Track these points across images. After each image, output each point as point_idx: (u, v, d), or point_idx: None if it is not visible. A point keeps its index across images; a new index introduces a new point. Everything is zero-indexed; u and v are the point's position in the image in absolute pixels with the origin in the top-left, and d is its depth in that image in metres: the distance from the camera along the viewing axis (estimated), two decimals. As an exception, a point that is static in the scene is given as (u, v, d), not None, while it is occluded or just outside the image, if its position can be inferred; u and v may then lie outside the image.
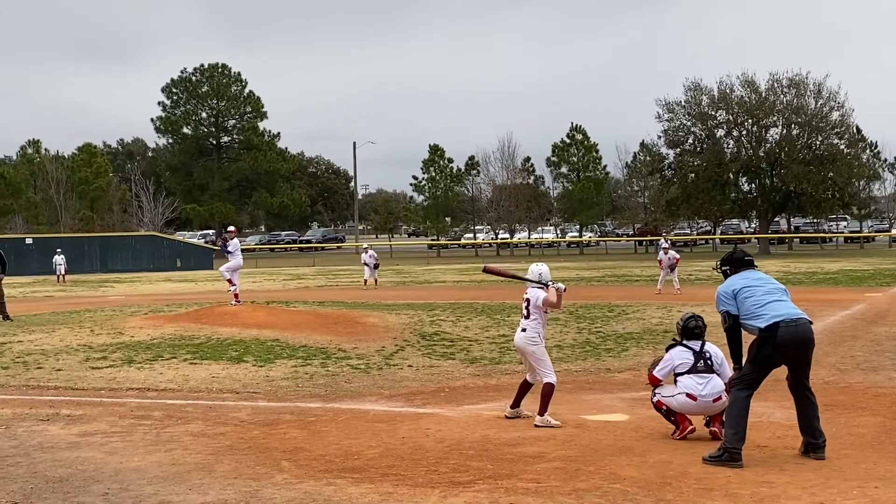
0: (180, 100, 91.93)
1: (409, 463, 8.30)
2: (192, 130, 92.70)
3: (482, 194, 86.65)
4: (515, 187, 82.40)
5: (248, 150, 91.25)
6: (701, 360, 9.19)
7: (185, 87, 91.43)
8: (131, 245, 62.06)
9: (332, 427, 10.09)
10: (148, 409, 11.36)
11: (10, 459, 8.65)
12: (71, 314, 24.22)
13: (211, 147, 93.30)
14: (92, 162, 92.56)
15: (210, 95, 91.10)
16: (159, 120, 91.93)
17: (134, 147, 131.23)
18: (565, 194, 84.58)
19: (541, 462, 8.25)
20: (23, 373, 14.32)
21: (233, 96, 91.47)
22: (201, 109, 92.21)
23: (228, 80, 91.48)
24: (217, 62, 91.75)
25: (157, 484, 7.68)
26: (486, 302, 25.16)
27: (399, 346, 16.50)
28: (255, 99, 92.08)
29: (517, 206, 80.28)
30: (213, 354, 15.55)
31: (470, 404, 11.48)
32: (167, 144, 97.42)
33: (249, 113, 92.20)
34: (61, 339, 17.84)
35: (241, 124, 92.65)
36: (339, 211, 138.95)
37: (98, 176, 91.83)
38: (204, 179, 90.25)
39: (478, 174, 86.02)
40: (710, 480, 7.52)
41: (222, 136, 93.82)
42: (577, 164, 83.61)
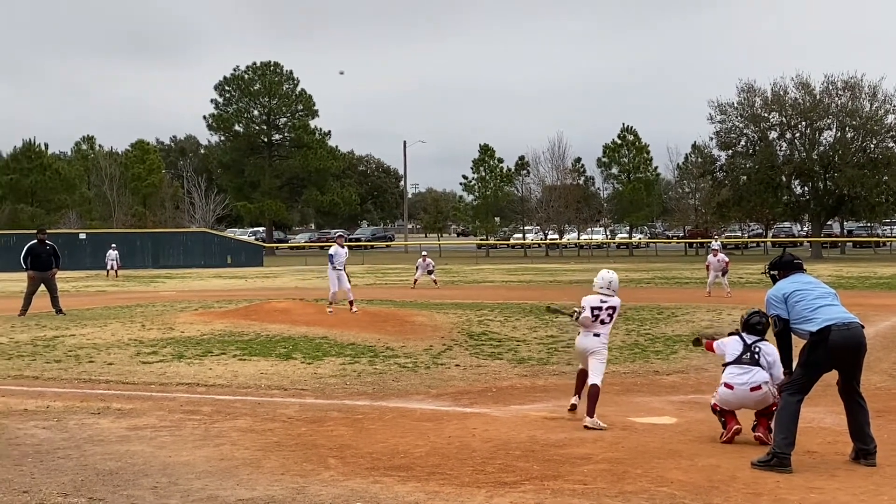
0: (233, 98, 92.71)
1: (456, 462, 8.29)
2: (244, 128, 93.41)
3: (532, 194, 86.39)
4: (565, 188, 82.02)
5: (299, 147, 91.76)
6: (748, 352, 9.10)
7: (237, 85, 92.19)
8: (182, 241, 62.64)
9: (379, 425, 10.11)
10: (197, 404, 11.46)
11: (61, 452, 8.76)
12: (122, 309, 24.50)
13: (262, 145, 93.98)
14: (145, 158, 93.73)
15: (262, 93, 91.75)
16: (212, 117, 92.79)
17: (186, 144, 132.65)
18: (615, 195, 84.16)
19: (588, 464, 8.20)
20: (75, 366, 14.50)
21: (284, 94, 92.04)
22: (253, 107, 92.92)
23: (280, 79, 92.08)
24: (269, 60, 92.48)
25: (206, 478, 7.74)
26: (534, 302, 25.07)
27: (447, 346, 16.50)
28: (307, 97, 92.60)
29: (567, 207, 79.93)
30: (262, 351, 15.66)
31: (517, 405, 11.45)
32: (219, 142, 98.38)
33: (301, 111, 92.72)
34: (113, 334, 18.06)
35: (293, 122, 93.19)
36: (388, 210, 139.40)
37: (151, 172, 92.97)
38: (255, 177, 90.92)
39: (528, 174, 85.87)
40: (759, 485, 7.43)
41: (274, 133, 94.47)
42: (628, 164, 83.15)
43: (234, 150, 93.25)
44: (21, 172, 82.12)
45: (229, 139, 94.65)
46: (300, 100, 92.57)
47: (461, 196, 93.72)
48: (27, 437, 9.43)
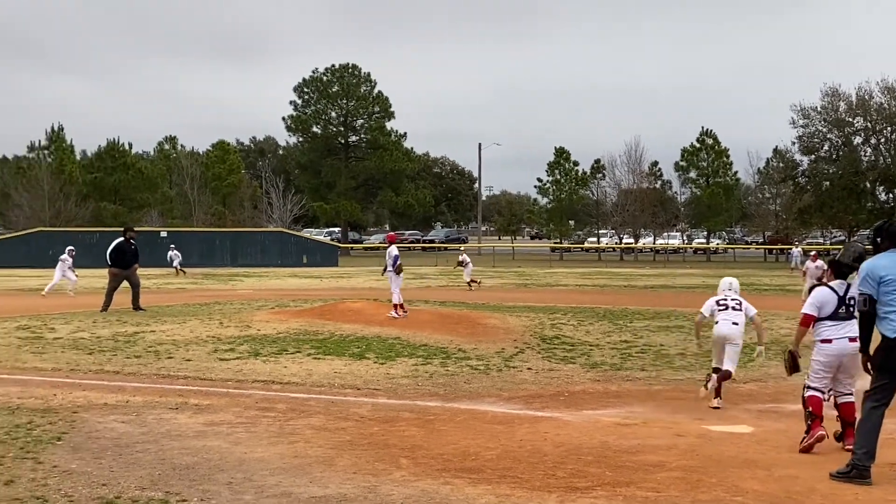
0: (311, 99, 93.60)
1: (527, 466, 8.27)
2: (322, 129, 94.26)
3: (607, 198, 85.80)
4: (641, 191, 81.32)
5: (375, 149, 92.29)
6: (843, 306, 8.86)
7: (316, 87, 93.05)
8: (260, 241, 63.42)
9: (451, 426, 10.12)
10: (272, 401, 11.59)
11: (139, 446, 8.93)
12: (201, 306, 24.90)
13: (339, 146, 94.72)
14: (225, 159, 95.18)
15: (340, 95, 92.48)
16: (290, 119, 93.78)
17: (265, 145, 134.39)
18: (693, 200, 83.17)
19: (661, 471, 8.11)
20: (154, 362, 14.78)
21: (362, 96, 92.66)
22: (331, 109, 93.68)
23: (358, 81, 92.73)
24: (348, 62, 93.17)
25: (280, 475, 7.83)
26: (608, 307, 24.93)
27: (519, 349, 16.47)
28: (384, 99, 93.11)
29: (643, 211, 79.23)
30: (336, 350, 15.79)
31: (589, 410, 11.38)
32: (297, 143, 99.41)
33: (377, 113, 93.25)
34: (191, 331, 18.37)
35: (369, 124, 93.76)
36: (462, 212, 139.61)
37: (230, 172, 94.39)
38: (331, 178, 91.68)
39: (603, 177, 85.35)
40: (837, 497, 7.28)
41: (350, 135, 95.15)
42: (707, 169, 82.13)
43: (311, 151, 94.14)
44: (105, 171, 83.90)
45: (307, 140, 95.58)
46: (377, 101, 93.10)
47: (535, 199, 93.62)
48: (107, 430, 9.64)
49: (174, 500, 7.05)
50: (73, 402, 11.24)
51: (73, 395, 11.80)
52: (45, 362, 14.73)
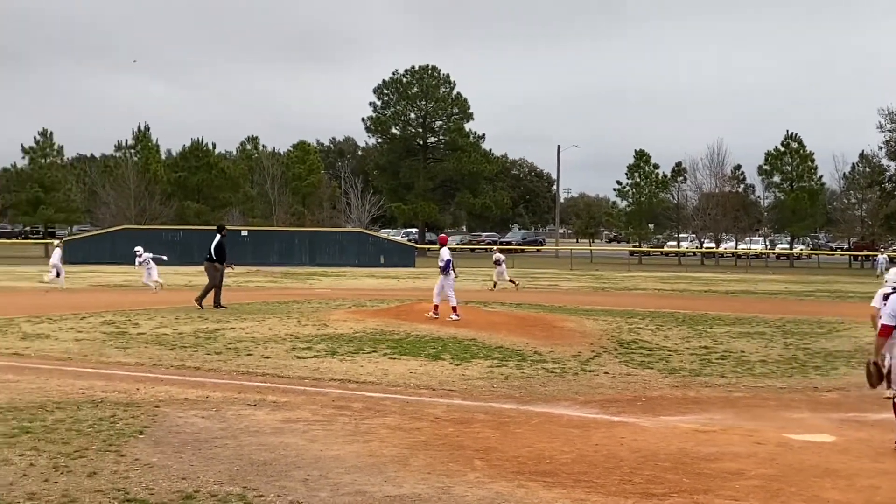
0: (390, 100, 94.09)
1: (603, 471, 8.21)
2: (401, 131, 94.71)
3: (688, 201, 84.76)
4: (723, 195, 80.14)
5: (454, 150, 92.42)
6: None
7: (395, 89, 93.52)
8: (338, 240, 63.89)
9: (526, 429, 10.10)
10: (348, 400, 11.68)
11: (218, 441, 9.06)
12: (280, 305, 25.19)
13: (418, 147, 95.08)
14: (305, 159, 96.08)
15: (419, 97, 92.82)
16: (370, 120, 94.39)
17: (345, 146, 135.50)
18: (777, 204, 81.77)
19: (739, 479, 7.99)
20: (233, 359, 14.99)
21: (441, 98, 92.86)
22: (410, 110, 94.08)
23: (437, 82, 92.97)
24: (427, 64, 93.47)
25: (355, 473, 7.88)
26: (687, 312, 24.64)
27: (596, 353, 16.36)
28: (463, 100, 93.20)
29: (724, 215, 78.07)
30: (412, 350, 15.85)
31: (667, 415, 11.25)
32: (376, 144, 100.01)
33: (456, 114, 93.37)
34: (270, 329, 18.59)
35: (448, 125, 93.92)
36: (540, 214, 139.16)
37: (310, 173, 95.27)
38: (410, 179, 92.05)
39: (684, 181, 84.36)
40: (922, 511, 7.10)
41: (429, 136, 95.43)
42: (791, 173, 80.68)
43: (390, 152, 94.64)
44: (189, 170, 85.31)
45: (386, 141, 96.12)
46: (456, 103, 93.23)
47: (614, 202, 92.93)
48: (187, 425, 9.80)
49: (251, 495, 7.14)
50: (154, 397, 11.46)
51: (155, 389, 12.03)
52: (128, 357, 15.04)
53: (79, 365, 14.25)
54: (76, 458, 8.20)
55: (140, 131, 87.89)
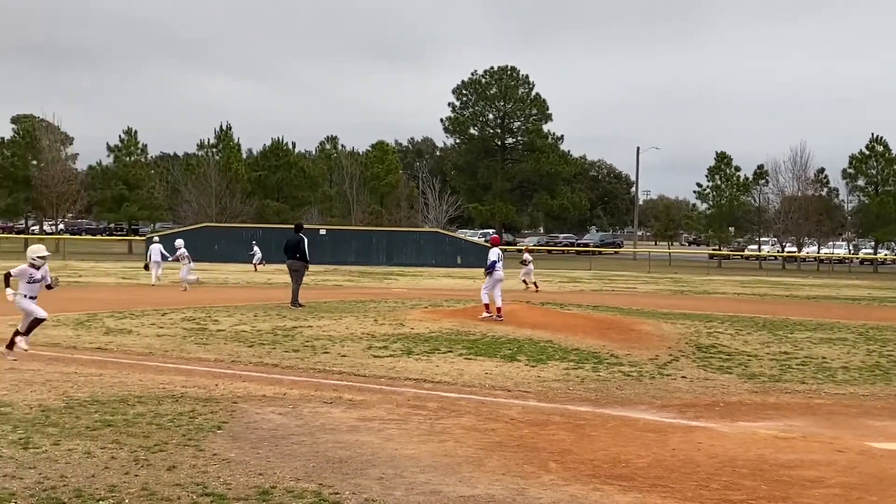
0: (469, 101, 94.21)
1: (679, 476, 8.11)
2: (479, 131, 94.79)
3: (770, 205, 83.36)
4: (806, 199, 78.63)
5: (532, 151, 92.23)
6: None
7: (474, 89, 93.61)
8: (415, 240, 64.10)
9: (602, 432, 10.02)
10: (423, 399, 11.70)
11: (295, 438, 9.15)
12: (357, 303, 25.37)
13: (496, 148, 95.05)
14: (384, 159, 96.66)
15: (498, 97, 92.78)
16: (448, 120, 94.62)
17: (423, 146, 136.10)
18: (861, 208, 79.96)
19: (818, 487, 7.83)
20: (311, 356, 15.13)
21: (520, 98, 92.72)
22: (489, 111, 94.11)
23: (516, 83, 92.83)
24: (506, 64, 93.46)
25: (429, 473, 7.90)
26: (767, 317, 24.25)
27: (673, 356, 16.17)
28: (541, 101, 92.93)
29: (807, 219, 76.59)
30: (488, 351, 15.84)
31: (745, 421, 11.07)
32: (454, 144, 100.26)
33: (535, 115, 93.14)
34: (347, 327, 18.74)
35: (526, 126, 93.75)
36: (618, 216, 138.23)
37: (389, 172, 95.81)
38: (487, 179, 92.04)
39: (766, 183, 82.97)
40: None
41: (507, 137, 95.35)
42: (876, 177, 78.84)
43: (468, 152, 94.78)
44: (269, 169, 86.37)
45: (464, 142, 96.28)
46: (534, 104, 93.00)
47: (694, 204, 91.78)
48: (264, 421, 9.91)
49: (327, 492, 7.20)
50: (233, 393, 11.61)
51: (234, 385, 12.19)
52: (208, 353, 15.27)
53: (160, 360, 14.51)
54: (156, 451, 8.34)
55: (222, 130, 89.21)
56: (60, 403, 10.53)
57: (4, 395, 10.98)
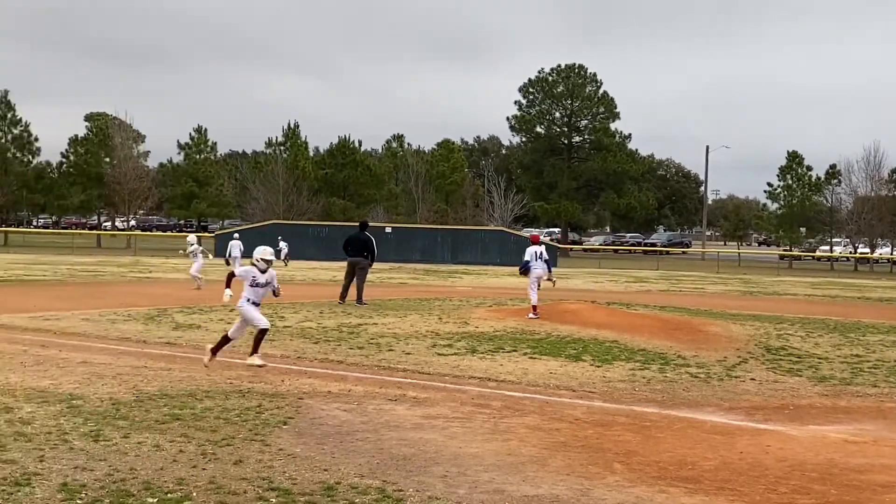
0: (536, 99, 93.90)
1: (747, 479, 7.99)
2: (545, 130, 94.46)
3: (842, 205, 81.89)
4: (880, 199, 77.05)
5: (599, 150, 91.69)
6: None
7: (541, 87, 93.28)
8: (481, 239, 64.11)
9: (668, 434, 9.91)
10: (487, 398, 11.69)
11: (359, 434, 9.20)
12: (421, 301, 25.42)
13: (562, 146, 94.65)
14: (449, 157, 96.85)
15: (565, 95, 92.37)
16: (514, 119, 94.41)
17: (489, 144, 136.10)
18: (938, 209, 78.19)
19: (890, 492, 7.66)
20: (375, 354, 15.20)
21: (587, 97, 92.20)
22: (555, 109, 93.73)
23: (584, 81, 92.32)
24: (574, 63, 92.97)
25: (493, 472, 7.88)
26: (839, 319, 23.82)
27: (742, 358, 15.95)
28: (609, 99, 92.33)
29: (880, 220, 75.08)
30: (552, 351, 15.77)
31: (815, 425, 10.88)
32: (520, 143, 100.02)
33: (602, 113, 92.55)
34: (411, 325, 18.79)
35: (593, 124, 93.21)
36: (686, 215, 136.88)
37: (454, 171, 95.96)
38: (553, 178, 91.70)
39: (839, 183, 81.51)
40: None
41: (574, 135, 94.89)
42: (954, 176, 77.05)
43: (534, 151, 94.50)
44: (336, 167, 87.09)
45: (530, 140, 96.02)
46: (602, 102, 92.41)
47: (764, 204, 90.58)
48: (329, 417, 9.98)
49: (391, 489, 7.22)
50: (299, 389, 11.71)
51: (300, 381, 12.30)
52: (274, 349, 15.41)
53: (227, 356, 14.66)
54: (223, 445, 8.44)
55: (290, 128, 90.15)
56: (130, 397, 10.71)
57: (76, 388, 11.20)
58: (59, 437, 8.58)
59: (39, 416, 9.43)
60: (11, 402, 10.12)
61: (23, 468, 7.43)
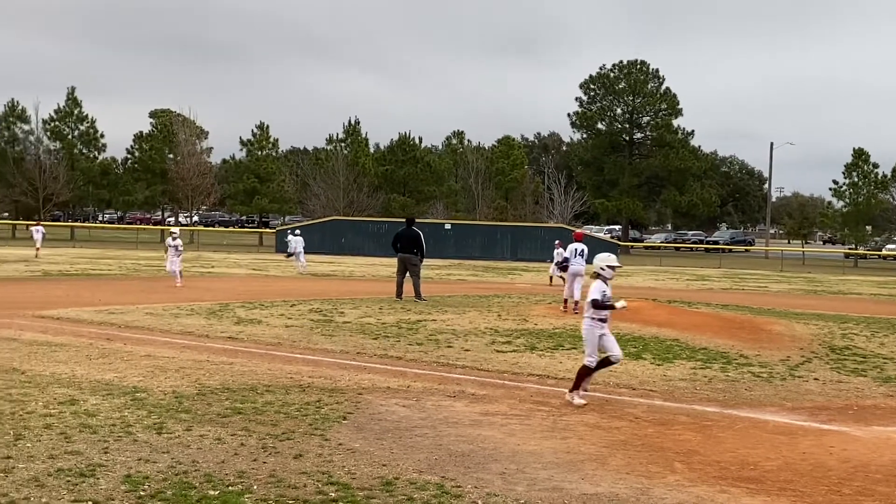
0: (597, 96, 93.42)
1: (810, 480, 7.88)
2: (607, 126, 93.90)
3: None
4: (948, 197, 75.53)
5: (661, 147, 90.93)
6: None
7: (602, 84, 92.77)
8: (540, 236, 63.88)
9: (729, 434, 9.80)
10: (546, 395, 11.65)
11: (418, 430, 9.22)
12: (480, 298, 25.41)
13: (623, 143, 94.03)
14: (509, 154, 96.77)
15: (626, 92, 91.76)
16: (576, 115, 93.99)
17: (549, 141, 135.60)
18: None
19: (960, 498, 7.50)
20: (434, 350, 15.22)
21: (649, 93, 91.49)
22: (617, 105, 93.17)
23: (646, 77, 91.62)
24: (636, 59, 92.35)
25: (551, 469, 7.85)
26: (905, 318, 23.37)
27: (805, 358, 15.72)
28: (671, 96, 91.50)
29: (949, 218, 73.59)
30: (613, 348, 15.65)
31: (880, 426, 10.69)
32: (581, 139, 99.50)
33: (664, 110, 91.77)
34: (470, 322, 18.79)
35: (655, 121, 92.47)
36: (749, 213, 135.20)
37: (514, 167, 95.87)
38: (614, 175, 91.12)
39: (905, 181, 79.91)
40: None
41: (635, 132, 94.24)
42: None
43: (595, 147, 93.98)
44: (396, 164, 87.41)
45: (591, 137, 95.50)
46: (664, 98, 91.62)
47: (829, 202, 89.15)
48: (388, 413, 10.02)
49: (449, 485, 7.23)
50: (358, 384, 11.77)
51: (359, 377, 12.36)
52: (334, 344, 15.51)
53: (287, 350, 14.80)
54: (283, 439, 8.52)
55: (350, 125, 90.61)
56: (193, 390, 10.85)
57: (140, 381, 11.37)
58: (124, 429, 8.72)
59: (104, 409, 9.59)
60: (77, 395, 10.31)
61: (88, 459, 7.57)
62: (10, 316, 17.95)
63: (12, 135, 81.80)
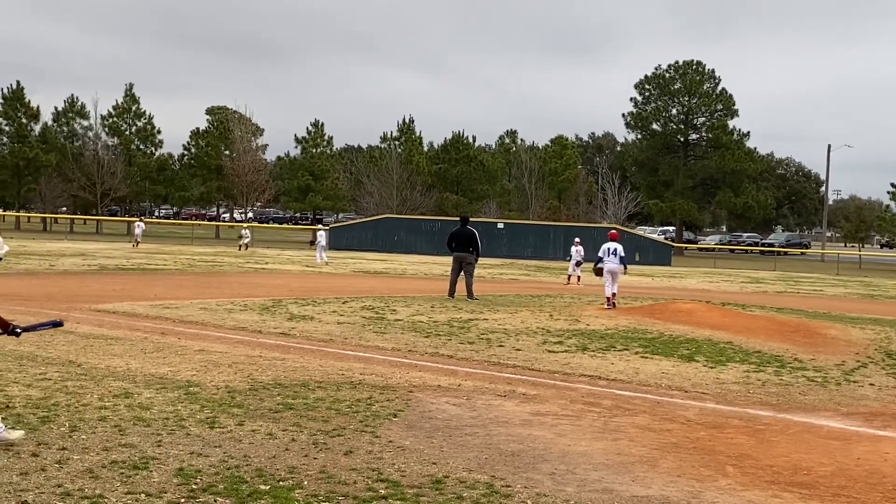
0: (652, 96, 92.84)
1: (864, 486, 7.77)
2: (661, 127, 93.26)
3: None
4: None
5: (716, 148, 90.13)
6: None
7: (657, 84, 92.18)
8: (593, 236, 63.48)
9: (782, 438, 9.69)
10: (597, 396, 11.61)
11: (468, 429, 9.23)
12: (533, 298, 25.37)
13: (678, 144, 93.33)
14: (562, 154, 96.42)
15: (682, 92, 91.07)
16: (630, 115, 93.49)
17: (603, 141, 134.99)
18: None
19: None
20: (485, 349, 15.22)
21: (704, 94, 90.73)
22: (672, 106, 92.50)
23: (701, 77, 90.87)
24: (691, 59, 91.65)
25: (602, 471, 7.82)
26: (966, 325, 22.94)
27: (861, 363, 15.50)
28: (727, 97, 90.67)
29: None
30: (665, 350, 15.57)
31: (939, 434, 10.50)
32: (635, 140, 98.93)
33: (720, 111, 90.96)
34: (522, 321, 18.76)
35: (711, 122, 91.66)
36: (805, 216, 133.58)
37: (567, 167, 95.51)
38: (668, 176, 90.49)
39: (966, 185, 78.49)
40: None
41: (690, 133, 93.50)
42: None
43: (649, 148, 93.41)
44: (449, 163, 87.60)
45: (646, 137, 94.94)
46: (720, 99, 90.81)
47: (888, 205, 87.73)
48: (439, 411, 10.03)
49: (499, 484, 7.22)
50: (409, 382, 11.81)
51: (410, 374, 12.40)
52: (385, 342, 15.57)
53: (339, 347, 14.88)
54: (334, 436, 8.57)
55: (404, 123, 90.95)
56: (245, 385, 10.95)
57: (194, 375, 11.50)
58: (177, 422, 8.82)
59: (158, 402, 9.72)
60: (132, 388, 10.45)
61: (141, 452, 7.67)
62: (67, 309, 18.24)
63: (71, 130, 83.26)
